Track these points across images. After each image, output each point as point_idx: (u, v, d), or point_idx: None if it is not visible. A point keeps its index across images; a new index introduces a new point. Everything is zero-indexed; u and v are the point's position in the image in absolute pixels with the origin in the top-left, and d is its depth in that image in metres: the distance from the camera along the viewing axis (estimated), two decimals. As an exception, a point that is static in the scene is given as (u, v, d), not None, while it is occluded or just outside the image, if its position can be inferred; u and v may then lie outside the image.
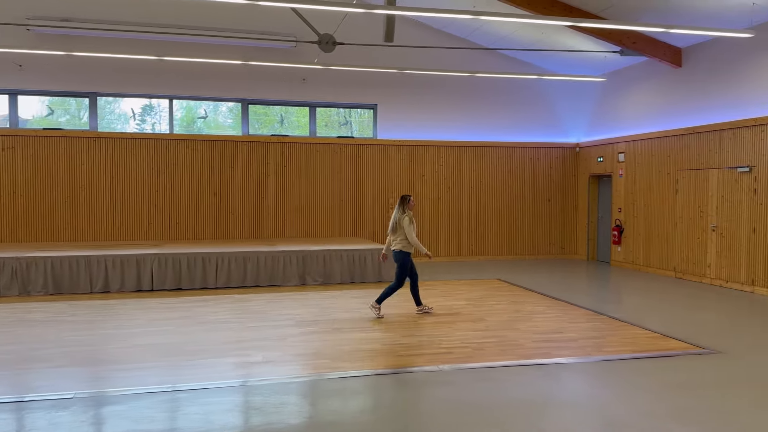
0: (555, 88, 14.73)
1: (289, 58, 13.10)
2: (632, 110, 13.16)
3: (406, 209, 7.97)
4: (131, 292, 9.94)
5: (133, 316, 8.04)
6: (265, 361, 5.93)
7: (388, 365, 5.77)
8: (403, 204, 7.99)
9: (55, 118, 12.95)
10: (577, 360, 5.99)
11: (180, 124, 13.51)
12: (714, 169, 10.82)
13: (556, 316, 8.00)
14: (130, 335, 6.94)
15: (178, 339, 6.78)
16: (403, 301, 9.07)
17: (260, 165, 13.35)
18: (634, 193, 12.98)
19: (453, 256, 14.34)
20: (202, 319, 7.80)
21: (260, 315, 8.08)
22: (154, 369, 5.67)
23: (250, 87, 13.34)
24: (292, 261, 10.68)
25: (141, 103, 13.40)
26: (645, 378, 5.39)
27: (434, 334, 6.99)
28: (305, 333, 7.07)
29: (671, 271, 11.82)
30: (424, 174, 14.20)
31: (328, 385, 5.25)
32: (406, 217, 7.87)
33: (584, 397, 5.05)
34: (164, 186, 12.89)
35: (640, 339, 6.79)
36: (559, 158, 14.95)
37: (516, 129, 14.71)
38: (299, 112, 14.14)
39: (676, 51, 11.69)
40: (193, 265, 10.28)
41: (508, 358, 6.00)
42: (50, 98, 12.86)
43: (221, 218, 13.16)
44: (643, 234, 12.67)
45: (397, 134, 14.09)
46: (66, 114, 13.06)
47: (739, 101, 10.31)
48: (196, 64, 12.79)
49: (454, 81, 14.16)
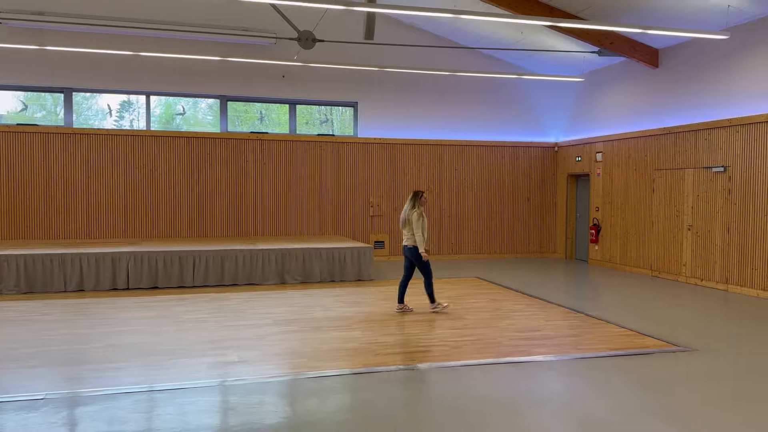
0: (534, 87, 14.82)
1: (268, 54, 12.99)
2: (610, 110, 13.30)
3: (417, 205, 8.00)
4: (106, 291, 9.79)
5: (107, 315, 7.91)
6: (241, 360, 5.88)
7: (365, 364, 5.75)
8: (415, 199, 8.03)
9: (31, 114, 12.71)
10: (554, 358, 6.03)
11: (159, 121, 13.34)
12: (689, 169, 10.97)
13: (533, 314, 8.04)
14: (105, 335, 6.83)
15: (154, 338, 6.69)
16: (381, 299, 9.06)
17: (239, 162, 13.23)
18: (611, 193, 13.11)
19: (433, 255, 14.32)
20: (179, 319, 7.71)
21: (238, 314, 8.01)
22: (128, 369, 5.59)
23: (229, 83, 13.21)
24: (271, 259, 10.60)
25: (118, 100, 13.20)
26: (620, 375, 5.44)
27: (413, 332, 6.99)
28: (283, 332, 7.02)
29: (648, 269, 11.97)
30: (405, 172, 14.20)
31: (305, 385, 5.22)
32: (416, 212, 7.91)
33: (559, 395, 5.08)
34: (141, 183, 12.72)
35: (616, 337, 6.86)
36: (538, 157, 15.05)
37: (496, 128, 14.78)
38: (279, 109, 14.05)
39: (652, 52, 11.83)
40: (169, 263, 10.16)
41: (485, 357, 6.02)
42: (25, 93, 12.60)
43: (199, 216, 13.02)
44: (620, 233, 12.81)
45: (378, 132, 14.07)
46: (42, 110, 12.82)
47: (714, 102, 10.47)
48: (174, 60, 12.63)
49: (435, 80, 14.18)
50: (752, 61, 9.72)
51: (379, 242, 13.99)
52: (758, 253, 9.54)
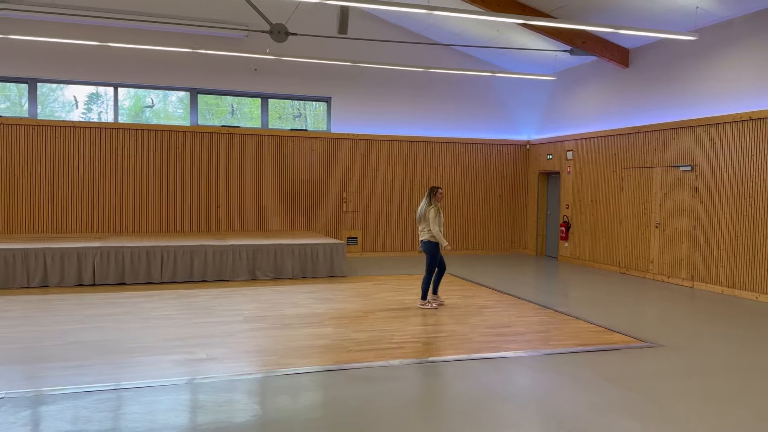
0: (507, 85, 14.91)
1: (240, 47, 12.81)
2: (581, 109, 13.45)
3: (434, 201, 8.08)
4: (71, 286, 9.55)
5: (72, 311, 7.71)
6: (210, 358, 5.77)
7: (337, 361, 5.70)
8: (431, 195, 8.12)
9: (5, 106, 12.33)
10: (524, 354, 6.06)
11: (128, 114, 13.05)
12: (658, 168, 11.16)
13: (504, 311, 8.09)
14: (69, 331, 6.65)
15: (120, 335, 6.53)
16: (354, 296, 9.02)
17: (210, 156, 13.03)
18: (581, 191, 13.28)
19: (406, 251, 14.37)
20: (146, 315, 7.56)
21: (207, 311, 7.88)
22: (93, 367, 5.44)
23: (199, 76, 12.99)
24: (242, 255, 10.47)
25: (86, 92, 12.86)
26: (588, 371, 5.50)
27: (386, 329, 6.96)
28: (253, 329, 6.93)
29: (616, 266, 12.15)
30: (379, 169, 14.16)
31: (275, 383, 5.15)
32: (433, 208, 8.00)
33: (528, 390, 5.11)
34: (109, 177, 12.44)
35: (585, 333, 6.93)
36: (510, 155, 15.15)
37: (469, 125, 14.83)
38: (252, 103, 13.87)
39: (623, 51, 11.99)
40: (137, 258, 9.95)
41: (457, 353, 6.03)
42: (-15, 83, 12.22)
43: (168, 211, 12.79)
44: (589, 230, 12.98)
45: (351, 128, 14.00)
46: (6, 101, 12.41)
47: (682, 102, 10.66)
48: (143, 51, 12.37)
49: (409, 76, 14.16)
50: (719, 62, 9.92)
51: (352, 238, 13.93)
52: (723, 251, 9.75)
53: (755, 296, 9.16)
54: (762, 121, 9.12)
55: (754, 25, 9.29)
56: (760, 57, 9.20)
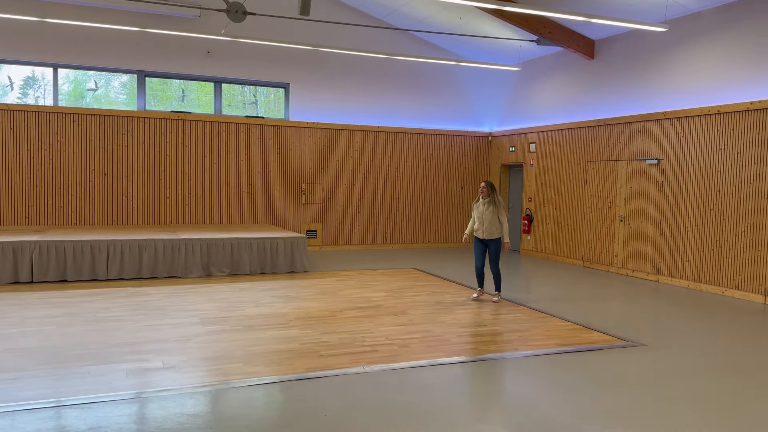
0: (470, 75, 14.63)
1: (192, 28, 12.03)
2: (545, 101, 13.29)
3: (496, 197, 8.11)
4: (7, 284, 8.71)
5: (6, 313, 6.95)
6: (165, 366, 5.21)
7: (308, 368, 5.24)
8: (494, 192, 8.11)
9: None
10: (505, 356, 5.75)
11: (67, 100, 12.08)
12: (623, 161, 11.08)
13: (477, 308, 7.78)
14: (3, 337, 5.94)
15: (62, 341, 5.87)
16: (318, 293, 8.55)
17: (158, 144, 12.23)
18: (544, 183, 13.14)
19: (367, 245, 13.95)
20: (91, 317, 6.88)
21: (159, 311, 7.25)
22: (30, 379, 4.80)
23: (147, 58, 12.15)
24: (195, 250, 9.81)
25: (22, 74, 11.81)
26: (575, 373, 5.22)
27: (356, 330, 6.53)
28: (212, 332, 6.37)
29: (579, 260, 12.07)
30: (339, 159, 13.66)
31: (239, 394, 4.65)
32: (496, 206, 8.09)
33: (513, 396, 4.78)
34: (47, 165, 11.49)
35: (563, 331, 6.69)
36: (472, 146, 14.90)
37: (431, 115, 14.49)
38: (201, 89, 13.09)
39: (589, 42, 11.86)
40: (80, 254, 9.17)
41: (435, 356, 5.66)
42: None
43: (113, 202, 11.95)
44: (552, 223, 12.87)
45: (311, 116, 13.43)
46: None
47: (648, 95, 10.59)
48: (87, 30, 11.46)
49: (371, 63, 13.69)
50: (688, 54, 9.86)
51: (311, 231, 13.41)
52: (689, 245, 9.74)
53: (721, 290, 9.17)
54: (730, 114, 9.10)
55: (724, 17, 9.24)
56: (729, 50, 9.17)
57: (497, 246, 8.12)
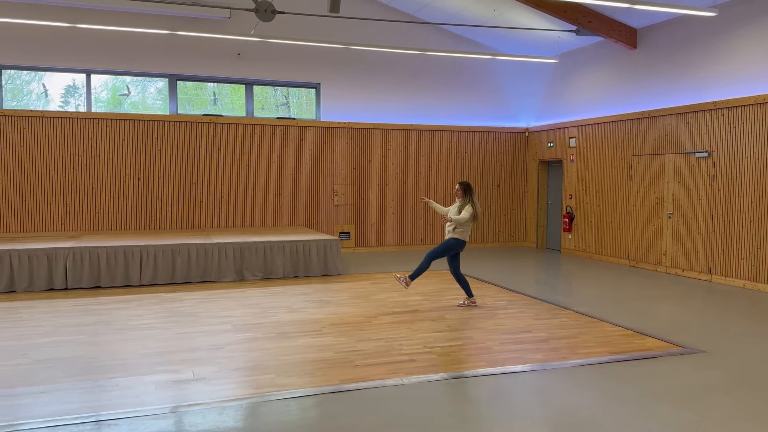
0: (505, 70, 14.20)
1: (222, 29, 11.93)
2: (585, 94, 12.77)
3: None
4: (41, 291, 8.70)
5: (39, 322, 6.88)
6: (196, 378, 5.01)
7: (343, 379, 4.97)
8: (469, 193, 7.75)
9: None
10: (553, 365, 5.38)
11: (106, 106, 12.09)
12: (670, 155, 10.53)
13: (519, 312, 7.41)
14: (35, 347, 5.84)
15: (93, 351, 5.74)
16: (353, 297, 8.29)
17: (191, 147, 12.17)
18: (585, 179, 12.63)
19: (401, 246, 13.65)
20: (122, 325, 6.76)
21: (191, 318, 7.09)
22: (60, 392, 4.65)
23: (178, 61, 12.10)
24: (228, 254, 9.67)
25: (62, 83, 11.82)
26: (630, 386, 4.82)
27: (393, 337, 6.23)
28: (244, 340, 6.17)
29: (624, 259, 11.54)
30: (371, 159, 13.39)
31: (271, 409, 4.41)
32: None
33: (564, 410, 4.41)
34: (82, 171, 11.53)
35: (614, 337, 6.27)
36: (508, 143, 14.46)
37: (465, 112, 14.11)
38: (234, 92, 12.99)
39: (631, 31, 11.33)
40: (113, 260, 9.11)
41: (478, 366, 5.32)
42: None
43: (147, 206, 11.93)
44: (595, 221, 12.35)
45: (342, 116, 13.20)
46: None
47: (697, 84, 10.02)
48: (118, 35, 11.45)
49: (403, 60, 13.38)
50: (739, 40, 9.28)
51: (344, 233, 13.18)
52: (744, 242, 9.16)
53: (781, 290, 8.59)
54: (787, 102, 8.51)
55: (778, -1, 8.65)
56: (785, 34, 8.57)
57: (446, 243, 7.56)
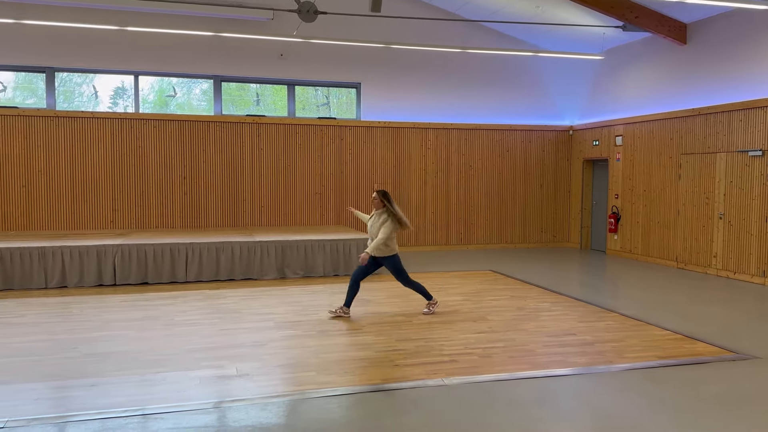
0: (549, 67, 13.95)
1: (266, 31, 12.08)
2: (632, 91, 12.44)
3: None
4: (91, 287, 8.98)
5: (89, 317, 7.10)
6: (240, 374, 5.08)
7: (383, 379, 4.96)
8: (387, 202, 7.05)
9: (21, 96, 11.75)
10: (598, 369, 5.25)
11: (153, 107, 12.40)
12: (722, 153, 10.16)
13: (563, 314, 7.26)
14: (85, 341, 6.03)
15: (140, 346, 5.88)
16: (392, 296, 8.28)
17: (235, 147, 12.36)
18: (632, 179, 12.30)
19: (441, 245, 13.57)
20: (169, 321, 6.91)
21: (235, 315, 7.20)
22: (108, 386, 4.78)
23: (223, 62, 12.31)
24: (270, 252, 9.79)
25: (112, 85, 12.17)
26: (680, 392, 4.67)
27: (433, 337, 6.19)
28: (286, 337, 6.22)
29: (672, 261, 11.20)
30: (411, 157, 13.35)
31: (313, 406, 4.43)
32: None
33: (611, 416, 4.29)
34: (130, 170, 11.85)
35: (663, 341, 6.08)
36: (551, 141, 14.21)
37: (507, 110, 13.92)
38: (276, 93, 13.13)
39: (680, 27, 10.98)
40: (160, 257, 9.33)
41: (520, 368, 5.24)
42: (14, 74, 11.66)
43: (192, 205, 12.18)
44: (642, 221, 12.02)
45: (382, 115, 13.20)
46: (28, 91, 11.84)
47: (751, 80, 9.63)
48: (164, 38, 11.72)
49: (443, 58, 13.30)
50: (796, 34, 8.88)
51: (384, 232, 13.15)
52: (801, 244, 8.77)
53: (842, 295, 8.18)
54: None
55: (841, -10, 8.24)
56: None
57: (393, 264, 6.96)
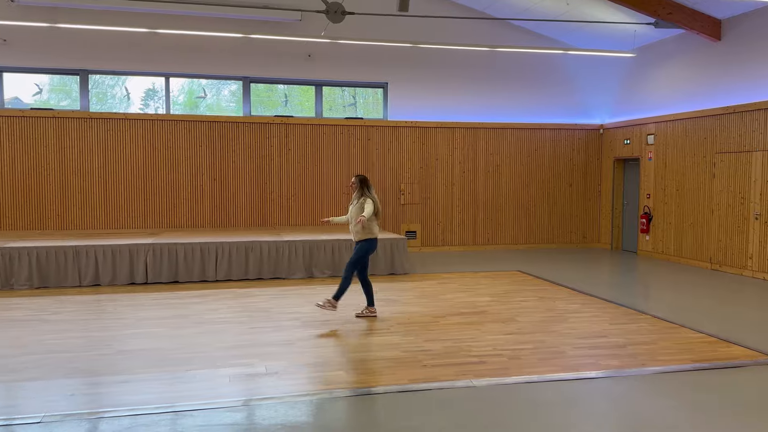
0: (578, 65, 13.77)
1: (294, 31, 12.16)
2: (664, 88, 12.20)
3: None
4: (123, 285, 9.15)
5: (122, 314, 7.23)
6: (269, 372, 5.11)
7: (411, 379, 4.94)
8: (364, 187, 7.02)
9: (56, 98, 12.05)
10: (630, 372, 5.15)
11: (182, 108, 12.59)
12: (758, 152, 9.89)
13: (594, 316, 7.16)
14: (116, 339, 6.14)
15: (170, 343, 5.97)
16: (420, 296, 8.26)
17: (263, 148, 12.47)
18: (664, 178, 12.07)
19: (468, 245, 13.49)
20: (199, 319, 7.00)
21: (263, 314, 7.26)
22: (140, 383, 4.86)
23: (252, 64, 12.42)
24: (298, 251, 9.85)
25: (141, 87, 12.40)
26: (714, 395, 4.56)
27: (461, 338, 6.16)
28: (314, 336, 6.25)
29: (706, 262, 10.95)
30: (438, 157, 13.31)
31: (341, 405, 4.44)
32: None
33: (643, 420, 4.20)
34: (161, 171, 12.04)
35: (697, 344, 5.95)
36: (581, 140, 14.02)
37: (535, 109, 13.78)
38: (303, 94, 13.20)
39: (714, 23, 10.73)
40: (190, 256, 9.46)
41: (550, 370, 5.17)
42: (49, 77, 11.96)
43: (222, 205, 12.32)
44: (674, 222, 11.78)
45: (409, 115, 13.18)
46: (62, 93, 12.13)
47: (789, 77, 9.37)
48: (194, 40, 11.89)
49: (471, 57, 13.22)
50: (838, 28, 8.61)
51: (410, 232, 13.15)
52: (842, 246, 8.49)
53: None
54: None
55: None
56: None
57: (363, 249, 7.03)
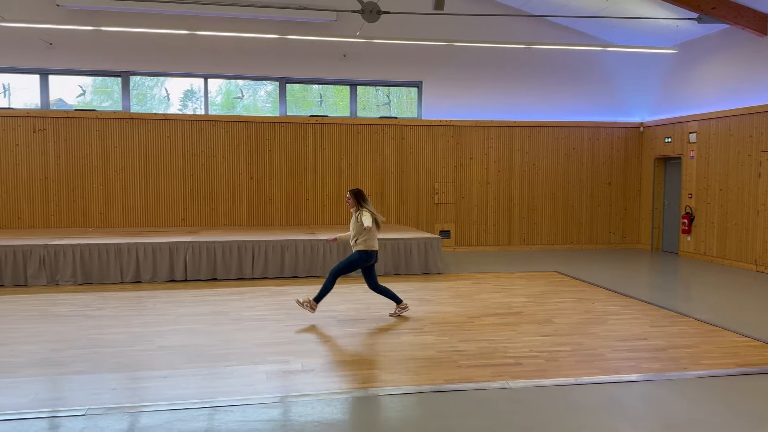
0: (618, 62, 13.49)
1: (329, 32, 12.24)
2: (707, 85, 11.87)
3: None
4: (164, 282, 9.35)
5: (162, 311, 7.39)
6: (305, 369, 5.16)
7: (447, 379, 4.92)
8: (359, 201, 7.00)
9: (98, 99, 12.40)
10: (672, 376, 5.03)
11: (220, 109, 12.81)
12: (808, 150, 9.55)
13: (634, 318, 7.01)
14: (157, 334, 6.28)
15: (210, 339, 6.08)
16: (454, 296, 8.22)
17: (299, 148, 12.59)
18: (707, 177, 11.74)
19: (503, 245, 13.37)
20: (236, 316, 7.11)
21: (299, 311, 7.32)
22: (180, 378, 4.96)
23: (287, 64, 12.54)
24: (333, 250, 9.91)
25: (180, 88, 12.66)
26: (761, 401, 4.42)
27: (497, 339, 6.11)
28: (348, 335, 6.28)
29: (751, 263, 10.61)
30: (472, 156, 13.22)
31: (377, 404, 4.45)
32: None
33: (686, 426, 4.09)
34: (200, 170, 12.26)
35: (741, 348, 5.77)
36: (620, 139, 13.74)
37: (573, 107, 13.56)
38: (338, 94, 13.27)
39: (761, 17, 10.39)
40: (228, 254, 9.62)
41: (588, 373, 5.09)
42: (88, 78, 12.31)
43: (259, 204, 12.48)
44: (717, 222, 11.45)
45: (444, 114, 13.12)
46: (104, 95, 12.47)
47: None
48: (231, 41, 12.07)
49: (507, 55, 13.08)
50: None
51: (444, 232, 13.10)
52: None
53: None
54: None
55: None
56: None
57: (352, 256, 6.92)
